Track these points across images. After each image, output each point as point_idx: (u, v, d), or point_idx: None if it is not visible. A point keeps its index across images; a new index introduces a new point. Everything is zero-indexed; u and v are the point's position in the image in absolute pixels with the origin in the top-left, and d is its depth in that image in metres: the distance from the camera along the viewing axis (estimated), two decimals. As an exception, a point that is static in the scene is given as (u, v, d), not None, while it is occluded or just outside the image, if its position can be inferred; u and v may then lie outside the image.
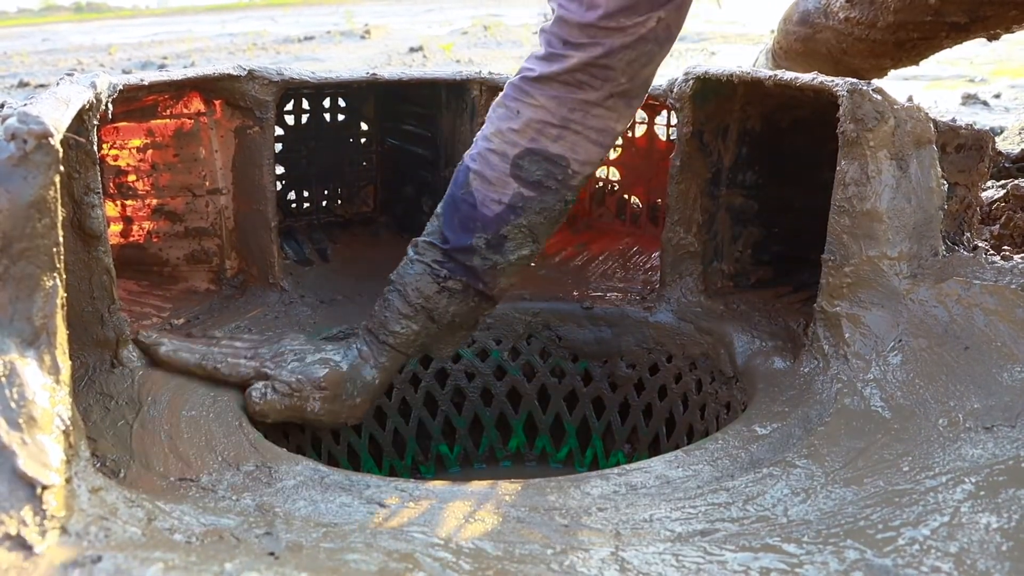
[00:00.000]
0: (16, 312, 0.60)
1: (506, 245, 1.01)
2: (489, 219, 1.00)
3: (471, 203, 1.00)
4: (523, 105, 0.98)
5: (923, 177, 0.94)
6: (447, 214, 1.02)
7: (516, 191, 0.99)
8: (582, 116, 0.98)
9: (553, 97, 0.97)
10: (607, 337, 1.28)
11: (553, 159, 0.99)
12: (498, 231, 1.00)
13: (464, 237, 1.00)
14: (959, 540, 0.61)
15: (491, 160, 1.00)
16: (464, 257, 1.01)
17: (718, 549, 0.63)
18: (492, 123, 1.01)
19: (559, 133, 0.98)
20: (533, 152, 0.99)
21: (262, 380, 1.01)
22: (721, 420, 1.13)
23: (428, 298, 1.01)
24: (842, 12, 1.78)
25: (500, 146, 0.99)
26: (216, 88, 1.21)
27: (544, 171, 0.99)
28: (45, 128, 0.62)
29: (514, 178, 0.99)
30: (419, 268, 1.02)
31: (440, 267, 1.01)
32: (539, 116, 0.98)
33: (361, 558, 0.57)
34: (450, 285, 1.01)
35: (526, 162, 0.99)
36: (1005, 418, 0.76)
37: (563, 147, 0.99)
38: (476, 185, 1.00)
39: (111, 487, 0.59)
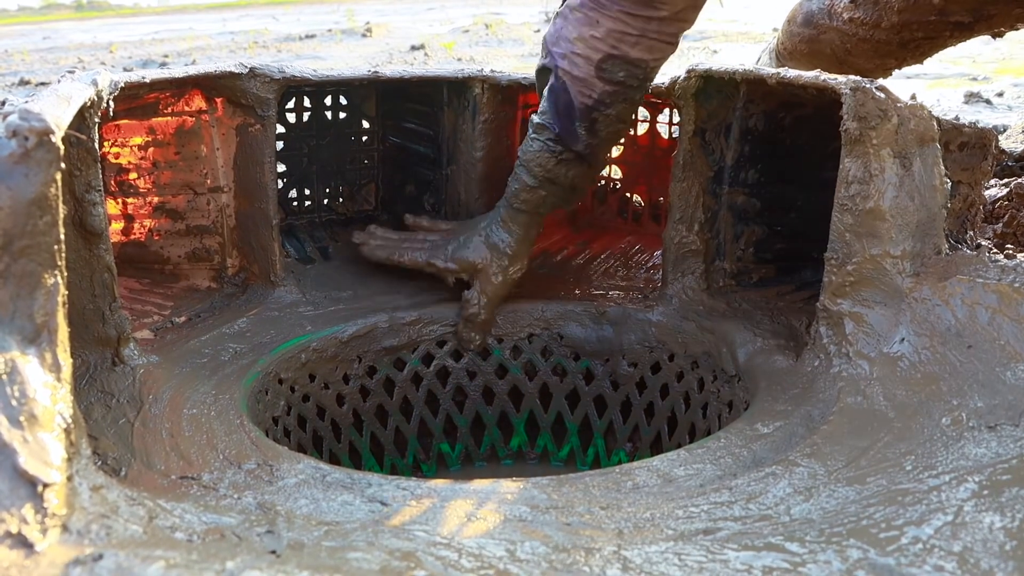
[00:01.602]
0: (17, 310, 0.59)
1: (598, 126, 1.16)
2: (583, 110, 1.14)
3: (568, 96, 1.14)
4: (602, 16, 1.08)
5: (926, 175, 0.94)
6: (551, 102, 1.16)
7: (603, 89, 1.12)
8: (657, 26, 1.08)
9: (630, 13, 1.07)
10: (609, 335, 1.28)
11: (634, 62, 1.11)
12: (591, 117, 1.15)
13: (567, 124, 1.15)
14: (962, 539, 0.61)
15: (577, 62, 1.12)
16: (571, 140, 1.16)
17: (720, 548, 0.63)
18: (574, 26, 1.11)
19: (637, 40, 1.09)
20: (615, 57, 1.10)
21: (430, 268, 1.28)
22: (723, 419, 1.13)
23: (549, 170, 1.18)
24: (846, 13, 1.78)
25: (584, 50, 1.11)
26: (218, 86, 1.21)
27: (626, 72, 1.11)
28: (46, 125, 0.61)
29: (599, 79, 1.12)
30: (537, 146, 1.18)
31: (555, 144, 1.17)
32: (618, 27, 1.08)
33: (363, 556, 0.57)
34: (565, 157, 1.18)
35: (609, 65, 1.11)
36: (1009, 417, 0.75)
37: (642, 51, 1.10)
38: (568, 81, 1.13)
39: (112, 485, 0.59)
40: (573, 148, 1.16)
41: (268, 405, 1.09)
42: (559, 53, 1.13)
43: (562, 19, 1.13)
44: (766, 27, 7.38)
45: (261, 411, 1.06)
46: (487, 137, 1.38)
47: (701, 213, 1.23)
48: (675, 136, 1.43)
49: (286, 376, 1.13)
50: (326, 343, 1.19)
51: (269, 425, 1.08)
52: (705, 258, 1.24)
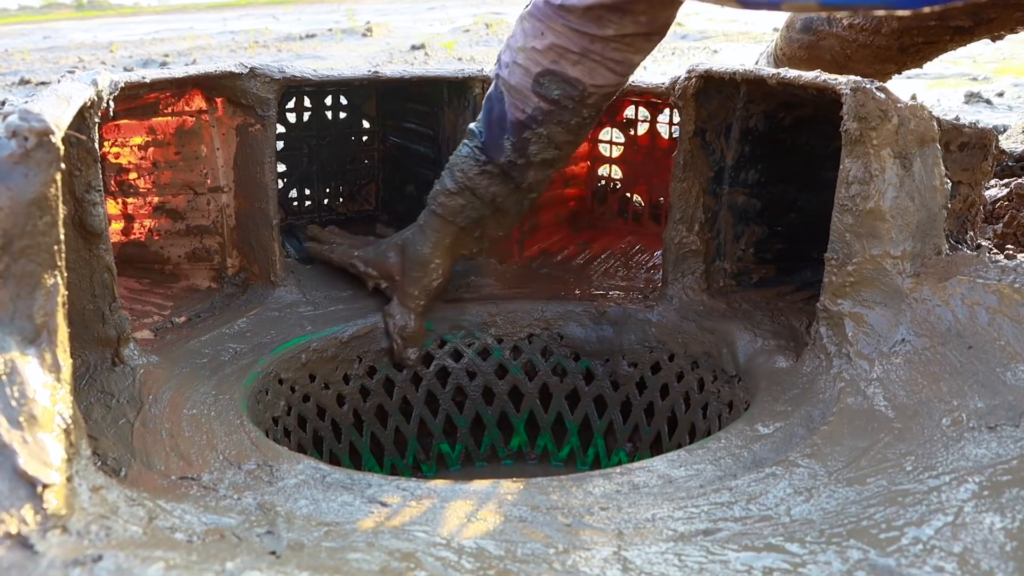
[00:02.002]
0: (17, 310, 0.59)
1: (529, 148, 1.11)
2: (514, 124, 1.11)
3: (502, 106, 1.11)
4: (547, 28, 1.05)
5: (926, 176, 0.94)
6: (486, 109, 1.13)
7: (536, 105, 1.09)
8: (601, 48, 1.04)
9: (573, 29, 1.03)
10: (609, 336, 1.28)
11: (571, 81, 1.06)
12: (521, 135, 1.11)
13: (496, 135, 1.12)
14: (963, 540, 0.61)
15: (517, 72, 1.09)
16: (496, 153, 1.12)
17: (721, 549, 0.63)
18: (522, 36, 1.08)
19: (578, 59, 1.05)
20: (553, 73, 1.06)
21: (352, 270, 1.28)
22: (723, 419, 1.12)
23: (470, 178, 1.14)
24: (846, 19, 1.77)
25: (525, 62, 1.08)
26: (218, 86, 1.20)
27: (562, 91, 1.07)
28: (46, 126, 0.61)
29: (535, 93, 1.08)
30: (465, 151, 1.15)
31: (480, 153, 1.13)
32: (560, 42, 1.04)
33: (363, 557, 0.57)
34: (489, 169, 1.14)
35: (546, 80, 1.07)
36: (1009, 418, 0.75)
37: (581, 72, 1.06)
38: (505, 90, 1.10)
39: (112, 486, 0.59)
40: (496, 161, 1.13)
41: (268, 405, 1.08)
42: (504, 61, 1.11)
43: (518, 25, 1.10)
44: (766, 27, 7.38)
45: (261, 411, 1.05)
46: (487, 137, 1.38)
47: (701, 213, 1.23)
48: (675, 136, 1.43)
49: (286, 376, 1.13)
50: (326, 343, 1.19)
51: (269, 425, 1.08)
52: (705, 258, 1.24)
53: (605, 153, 1.57)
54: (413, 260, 1.20)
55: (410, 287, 1.21)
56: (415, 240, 1.21)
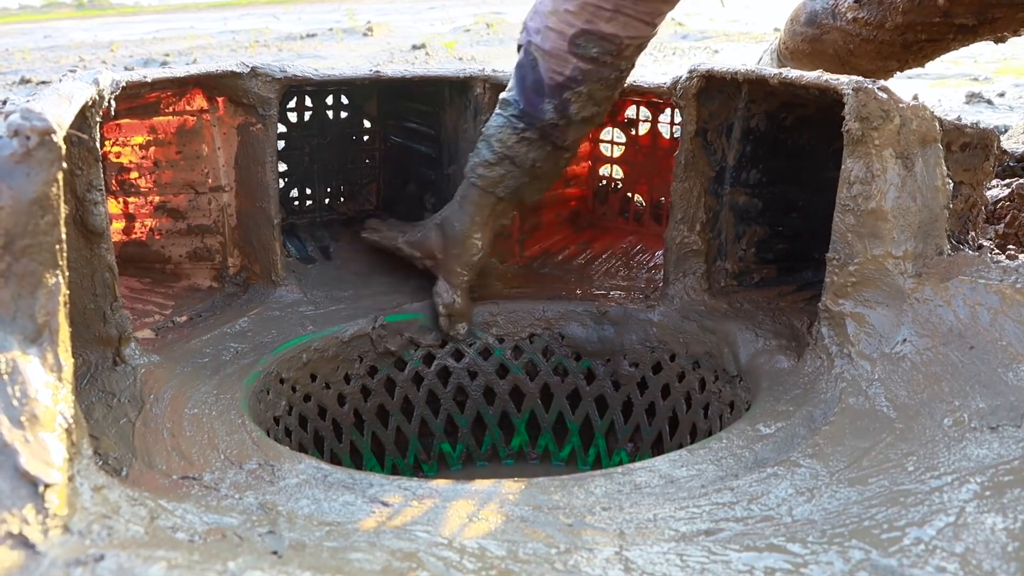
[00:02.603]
0: (19, 309, 0.59)
1: (570, 108, 1.13)
2: (554, 87, 1.12)
3: (537, 71, 1.12)
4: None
5: (928, 176, 0.94)
6: (519, 78, 1.14)
7: (575, 65, 1.10)
8: (633, 2, 1.07)
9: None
10: (610, 336, 1.28)
11: (607, 38, 1.09)
12: (562, 96, 1.12)
13: (535, 101, 1.13)
14: (964, 540, 0.60)
15: (551, 37, 1.10)
16: (536, 118, 1.13)
17: (722, 549, 0.63)
18: (550, 1, 1.09)
19: (611, 15, 1.08)
20: (588, 32, 1.08)
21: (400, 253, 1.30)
22: (724, 419, 1.12)
23: (509, 147, 1.15)
24: (850, 13, 1.77)
25: (558, 25, 1.09)
26: (219, 85, 1.20)
27: (600, 48, 1.09)
28: (48, 125, 0.61)
29: (572, 55, 1.10)
30: (500, 121, 1.16)
31: (518, 121, 1.14)
32: (593, 1, 1.06)
33: (365, 557, 0.57)
34: (528, 135, 1.14)
35: (582, 40, 1.09)
36: (1011, 418, 0.75)
37: (615, 27, 1.08)
38: (539, 56, 1.11)
39: (113, 485, 0.59)
40: (537, 124, 1.14)
41: (269, 405, 1.08)
42: (533, 28, 1.12)
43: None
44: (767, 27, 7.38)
45: (262, 411, 1.05)
46: (488, 137, 1.37)
47: (703, 213, 1.23)
48: (677, 136, 1.43)
49: (287, 376, 1.13)
50: (327, 343, 1.19)
51: (270, 425, 1.07)
52: (707, 258, 1.24)
53: (606, 153, 1.57)
54: (453, 238, 1.22)
55: (453, 264, 1.23)
56: (454, 217, 1.22)
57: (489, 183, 1.18)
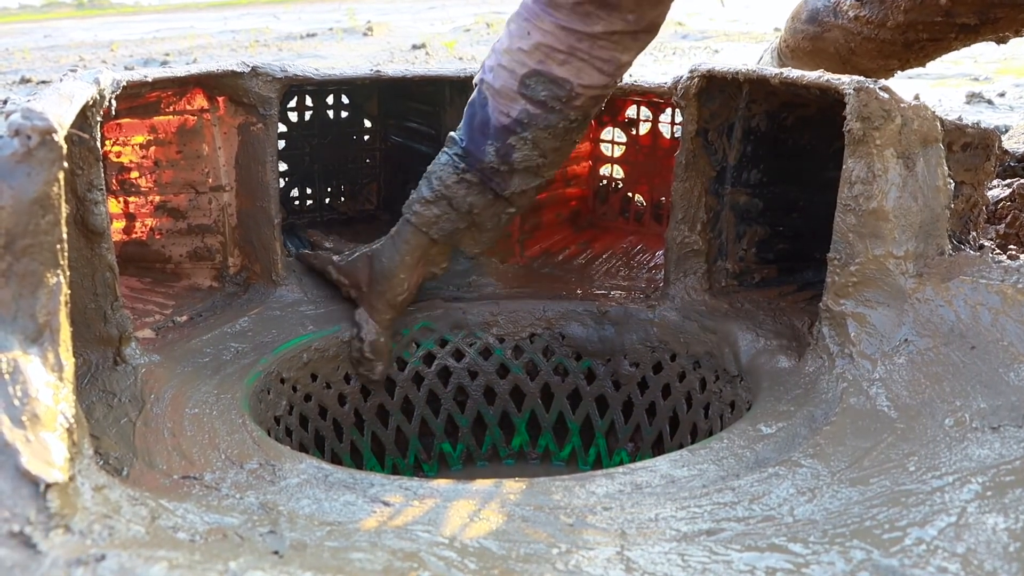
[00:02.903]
0: (19, 309, 0.59)
1: (513, 154, 1.08)
2: (498, 129, 1.08)
3: (485, 111, 1.08)
4: (533, 27, 1.03)
5: (929, 176, 0.93)
6: (467, 115, 1.10)
7: (523, 107, 1.06)
8: (588, 46, 1.02)
9: (561, 26, 1.02)
10: (611, 335, 1.28)
11: (558, 81, 1.04)
12: (506, 140, 1.08)
13: (479, 141, 1.09)
14: (966, 541, 0.60)
15: (502, 75, 1.06)
16: (478, 159, 1.09)
17: (724, 549, 0.63)
18: (507, 37, 1.06)
19: (565, 59, 1.03)
20: (539, 73, 1.04)
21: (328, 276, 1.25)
22: (725, 419, 1.12)
23: (448, 186, 1.11)
24: (852, 11, 1.77)
25: (510, 63, 1.05)
26: (220, 85, 1.20)
27: (549, 92, 1.05)
28: (49, 124, 0.61)
29: (521, 95, 1.06)
30: (444, 159, 1.12)
31: (460, 160, 1.10)
32: (547, 41, 1.03)
33: (366, 557, 0.57)
34: (468, 177, 1.10)
35: (532, 82, 1.05)
36: (1012, 418, 0.75)
37: (568, 71, 1.04)
38: (489, 95, 1.08)
39: (114, 485, 0.59)
40: (478, 167, 1.09)
41: (270, 404, 1.08)
42: (488, 66, 1.09)
43: (505, 28, 1.08)
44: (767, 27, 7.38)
45: (263, 410, 1.05)
46: (489, 136, 1.37)
47: (703, 213, 1.23)
48: (677, 136, 1.43)
49: (288, 375, 1.13)
50: (328, 342, 1.19)
51: (271, 424, 1.07)
52: (707, 258, 1.24)
53: (607, 153, 1.57)
54: (380, 272, 1.17)
55: (375, 300, 1.18)
56: (384, 251, 1.17)
57: (424, 222, 1.14)
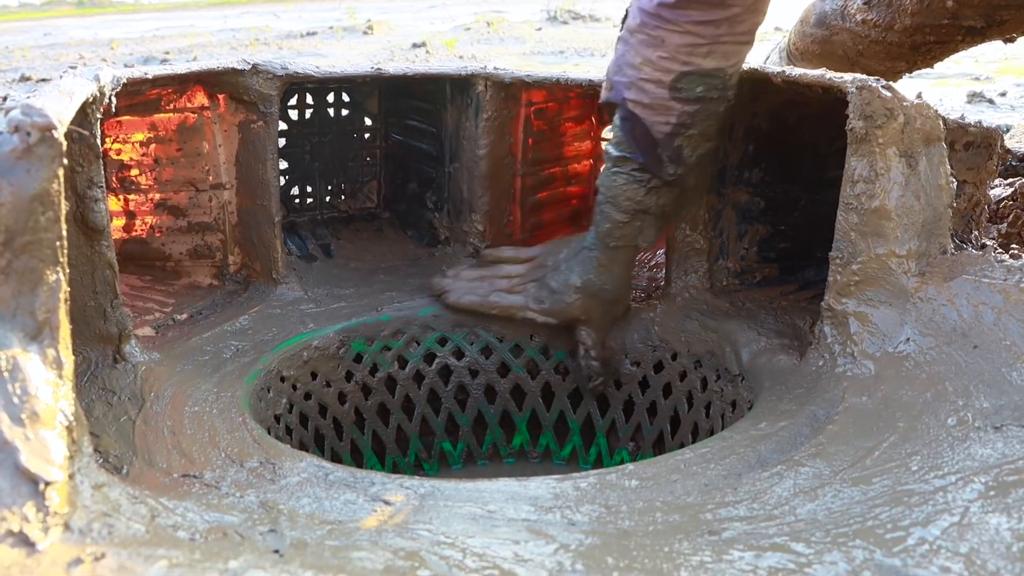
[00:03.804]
0: (19, 306, 0.59)
1: (684, 153, 1.08)
2: (664, 138, 1.07)
3: (643, 125, 1.07)
4: (667, 32, 1.01)
5: (932, 175, 0.93)
6: (625, 131, 1.09)
7: (681, 111, 1.05)
8: (728, 28, 1.01)
9: (699, 21, 1.00)
10: (611, 334, 1.28)
11: (710, 73, 1.03)
12: (674, 144, 1.07)
13: (648, 152, 1.08)
14: (969, 540, 0.60)
15: (647, 88, 1.04)
16: (655, 168, 1.09)
17: (726, 548, 0.63)
18: (636, 51, 1.04)
19: (709, 50, 1.02)
20: (689, 74, 1.03)
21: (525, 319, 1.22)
22: (726, 418, 1.12)
23: (639, 201, 1.11)
24: (859, 14, 1.77)
25: (653, 74, 1.04)
26: (220, 82, 1.20)
27: (705, 86, 1.04)
28: (49, 121, 0.61)
29: (675, 100, 1.04)
30: (622, 180, 1.11)
31: (641, 174, 1.10)
32: (687, 41, 1.01)
33: (367, 556, 0.56)
34: (654, 185, 1.10)
35: (684, 83, 1.03)
36: (1015, 417, 0.75)
37: (716, 60, 1.03)
38: (639, 112, 1.06)
39: (114, 483, 0.59)
40: (659, 175, 1.10)
41: (270, 403, 1.08)
42: (623, 83, 1.06)
43: (623, 45, 1.06)
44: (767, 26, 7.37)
45: (263, 409, 1.05)
46: (490, 135, 1.37)
47: (705, 212, 1.22)
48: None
49: (288, 374, 1.13)
50: (328, 341, 1.19)
51: (271, 423, 1.07)
52: (709, 257, 1.24)
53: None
54: (605, 301, 1.19)
55: (606, 321, 1.22)
56: (604, 280, 1.17)
57: (630, 240, 1.15)
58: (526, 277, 1.24)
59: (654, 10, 1.01)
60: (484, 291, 1.24)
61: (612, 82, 1.08)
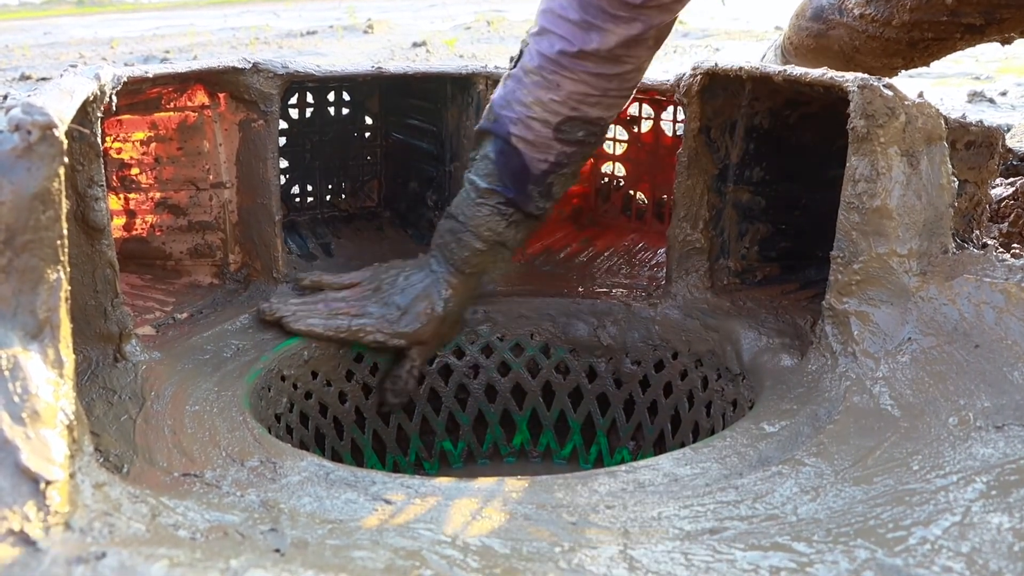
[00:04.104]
0: (20, 305, 0.59)
1: (554, 189, 1.16)
2: (539, 175, 1.13)
3: (521, 160, 1.12)
4: (563, 79, 1.07)
5: (933, 174, 0.93)
6: (499, 165, 1.14)
7: (560, 151, 1.12)
8: (618, 83, 1.09)
9: (595, 74, 1.06)
10: (612, 333, 1.28)
11: (593, 121, 1.11)
12: (546, 181, 1.14)
13: (519, 188, 1.14)
14: (970, 540, 0.60)
15: (533, 126, 1.10)
16: (522, 202, 1.15)
17: (727, 547, 0.63)
18: (528, 90, 1.09)
19: (598, 100, 1.09)
20: (574, 119, 1.10)
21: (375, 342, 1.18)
22: (727, 417, 1.12)
23: (499, 233, 1.16)
24: (857, 9, 1.76)
25: (542, 114, 1.09)
26: (220, 81, 1.20)
27: (585, 131, 1.11)
28: (49, 119, 0.61)
29: (557, 141, 1.11)
30: (488, 211, 1.15)
31: (506, 207, 1.15)
32: (581, 89, 1.07)
33: (368, 555, 0.56)
34: (515, 219, 1.16)
35: (568, 127, 1.10)
36: (1016, 417, 0.75)
37: (601, 110, 1.10)
38: (521, 147, 1.11)
39: (115, 482, 0.59)
40: (524, 210, 1.15)
41: (271, 402, 1.08)
42: (510, 117, 1.11)
43: (515, 82, 1.11)
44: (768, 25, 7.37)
45: (264, 408, 1.05)
46: (490, 134, 1.37)
47: (705, 211, 1.22)
48: (679, 134, 1.43)
49: (288, 373, 1.13)
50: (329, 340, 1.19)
51: (272, 422, 1.07)
52: (709, 256, 1.24)
53: (609, 150, 1.56)
54: (453, 323, 1.23)
55: (442, 342, 1.26)
56: (454, 304, 1.20)
57: (483, 268, 1.20)
58: (362, 301, 1.21)
59: (554, 56, 1.06)
60: (325, 314, 1.18)
61: (497, 114, 1.12)
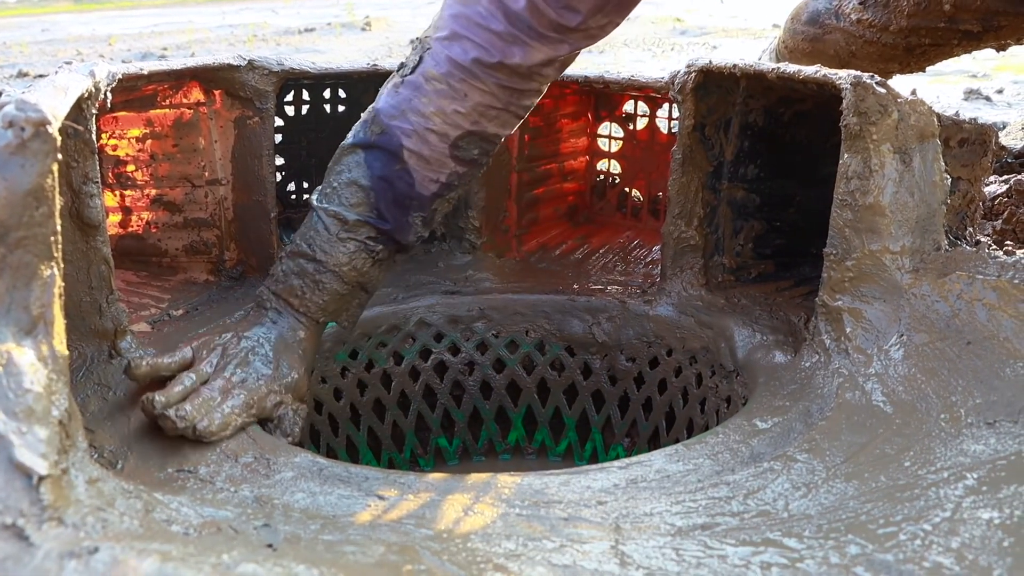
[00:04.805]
0: (13, 301, 0.59)
1: (436, 216, 1.05)
2: (425, 198, 1.01)
3: (408, 182, 1.00)
4: (471, 89, 0.97)
5: (926, 171, 0.93)
6: (380, 190, 0.99)
7: (452, 170, 1.01)
8: (519, 98, 1.01)
9: (505, 86, 0.98)
10: (607, 330, 1.28)
11: (489, 138, 1.02)
12: (431, 206, 1.03)
13: (401, 216, 1.01)
14: (961, 535, 0.60)
15: (430, 140, 0.99)
16: (399, 234, 1.01)
17: (719, 543, 0.63)
18: (430, 99, 0.97)
19: (498, 114, 1.00)
20: (474, 134, 1.00)
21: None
22: (721, 414, 1.12)
23: (364, 273, 1.01)
24: (854, 14, 1.76)
25: (441, 127, 0.98)
26: (216, 78, 1.20)
27: (480, 149, 1.02)
28: (43, 116, 0.61)
29: (452, 159, 1.00)
30: (353, 247, 1.00)
31: (375, 243, 1.01)
32: (486, 101, 0.98)
33: (360, 550, 0.57)
34: (382, 256, 1.02)
35: (465, 143, 1.00)
36: (1007, 413, 0.75)
37: (499, 126, 1.02)
38: (413, 163, 0.99)
39: (108, 478, 0.59)
40: (400, 242, 1.02)
41: (265, 398, 1.08)
42: (405, 129, 0.98)
43: (411, 90, 0.98)
44: (766, 23, 7.37)
45: (258, 404, 1.05)
46: (486, 131, 1.37)
47: (700, 208, 1.23)
48: (674, 131, 1.43)
49: (284, 370, 1.13)
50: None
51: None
52: (704, 253, 1.24)
53: (604, 148, 1.57)
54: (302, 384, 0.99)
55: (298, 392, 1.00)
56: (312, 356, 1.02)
57: (335, 317, 1.03)
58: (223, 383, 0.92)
59: (467, 64, 0.95)
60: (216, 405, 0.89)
61: (386, 126, 0.99)
